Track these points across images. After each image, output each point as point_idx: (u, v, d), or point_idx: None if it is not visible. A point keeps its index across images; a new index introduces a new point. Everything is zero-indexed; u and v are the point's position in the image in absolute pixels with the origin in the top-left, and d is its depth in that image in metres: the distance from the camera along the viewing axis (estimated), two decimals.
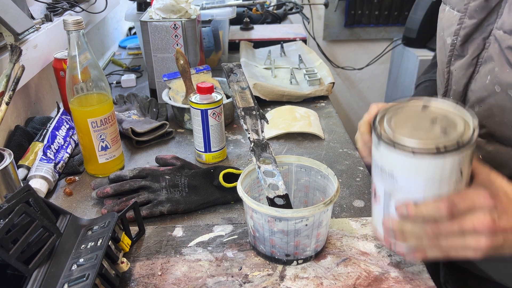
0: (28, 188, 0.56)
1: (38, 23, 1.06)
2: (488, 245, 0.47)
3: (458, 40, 0.60)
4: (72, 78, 0.78)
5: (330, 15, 2.37)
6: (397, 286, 0.58)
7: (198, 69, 1.10)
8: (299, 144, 0.96)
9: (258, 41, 1.56)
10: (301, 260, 0.62)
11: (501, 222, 0.47)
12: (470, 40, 0.59)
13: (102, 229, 0.59)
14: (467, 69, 0.60)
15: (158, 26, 1.08)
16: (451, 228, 0.47)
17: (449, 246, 0.49)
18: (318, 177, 0.67)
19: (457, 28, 0.60)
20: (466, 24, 0.58)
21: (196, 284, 0.59)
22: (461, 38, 0.60)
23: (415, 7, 2.07)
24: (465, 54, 0.60)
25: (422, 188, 0.48)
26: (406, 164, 0.47)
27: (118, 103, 1.13)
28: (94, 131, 0.80)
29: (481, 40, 0.58)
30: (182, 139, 1.00)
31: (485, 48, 0.58)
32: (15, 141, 0.88)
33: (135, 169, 0.78)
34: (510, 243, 0.48)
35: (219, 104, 0.85)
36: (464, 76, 0.60)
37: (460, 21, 0.59)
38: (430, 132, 0.48)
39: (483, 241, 0.47)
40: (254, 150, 0.65)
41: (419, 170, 0.47)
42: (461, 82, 0.61)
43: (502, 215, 0.47)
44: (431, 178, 0.48)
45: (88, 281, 0.50)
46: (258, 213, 0.59)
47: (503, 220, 0.47)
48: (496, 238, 0.47)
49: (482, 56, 0.58)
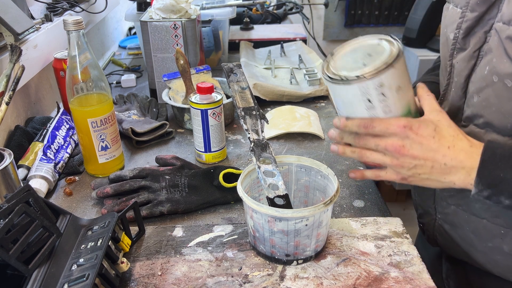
0: (28, 188, 0.56)
1: (38, 23, 1.06)
2: (396, 164, 0.59)
3: (460, 33, 0.61)
4: (72, 78, 0.78)
5: (330, 15, 2.37)
6: (397, 286, 0.58)
7: (198, 69, 1.10)
8: (299, 144, 0.96)
9: (258, 41, 1.56)
10: (301, 260, 0.62)
11: (412, 150, 0.57)
12: (472, 33, 0.60)
13: (102, 229, 0.59)
14: (469, 61, 0.61)
15: (158, 26, 1.08)
16: (368, 141, 0.60)
17: (366, 154, 0.62)
18: (318, 177, 0.67)
19: (459, 22, 0.62)
20: (468, 17, 0.60)
21: (196, 284, 0.59)
22: (463, 31, 0.61)
23: (415, 7, 2.07)
24: (467, 47, 0.61)
25: (342, 108, 0.62)
26: (331, 89, 0.62)
27: (118, 103, 1.13)
28: (94, 131, 0.80)
29: (483, 34, 0.59)
30: (182, 139, 1.00)
31: (486, 42, 0.59)
32: (15, 141, 0.88)
33: (135, 169, 0.78)
34: (425, 170, 0.58)
35: (219, 104, 0.85)
36: (465, 68, 0.62)
37: (462, 15, 0.61)
38: (355, 64, 0.59)
39: (389, 159, 0.59)
40: (254, 150, 0.65)
41: (336, 94, 0.62)
42: (462, 74, 0.63)
43: (414, 144, 0.57)
44: (344, 101, 0.61)
45: (88, 281, 0.50)
46: (258, 213, 0.59)
47: (414, 149, 0.57)
48: (404, 161, 0.58)
49: (483, 49, 0.60)
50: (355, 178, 0.67)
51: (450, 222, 0.70)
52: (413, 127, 0.58)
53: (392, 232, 0.68)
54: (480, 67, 0.60)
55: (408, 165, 0.59)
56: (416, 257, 0.63)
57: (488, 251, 0.66)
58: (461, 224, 0.68)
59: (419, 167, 0.59)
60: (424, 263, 0.63)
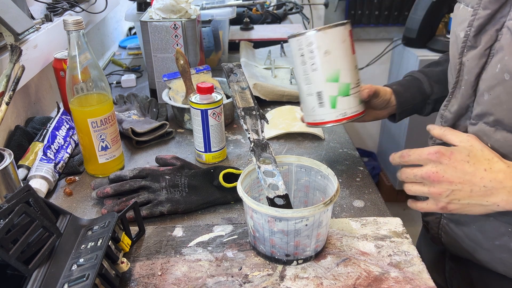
0: (28, 188, 0.56)
1: (38, 23, 1.06)
2: (434, 192, 0.60)
3: (472, 31, 0.62)
4: (72, 78, 0.78)
5: (330, 15, 2.37)
6: (397, 286, 0.58)
7: (198, 69, 1.10)
8: (299, 144, 0.96)
9: (258, 41, 1.56)
10: (301, 260, 0.62)
11: (447, 174, 0.58)
12: (483, 31, 0.61)
13: (102, 229, 0.59)
14: (480, 59, 0.61)
15: (158, 26, 1.08)
16: (408, 172, 0.63)
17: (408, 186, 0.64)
18: (318, 177, 0.67)
19: (471, 20, 0.62)
20: (480, 15, 0.60)
21: (196, 284, 0.59)
22: (475, 28, 0.61)
23: (415, 7, 2.07)
24: (478, 45, 0.62)
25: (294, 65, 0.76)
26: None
27: (118, 103, 1.13)
28: (94, 131, 0.80)
29: (494, 32, 0.59)
30: (182, 139, 1.00)
31: (497, 40, 0.59)
32: (15, 141, 0.88)
33: (135, 169, 0.78)
34: (463, 195, 0.59)
35: (219, 104, 0.85)
36: (476, 66, 0.62)
37: (474, 13, 0.61)
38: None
39: (427, 188, 0.61)
40: (254, 150, 0.65)
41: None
42: (473, 72, 0.63)
43: (448, 169, 0.59)
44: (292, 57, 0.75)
45: (88, 281, 0.50)
46: (258, 213, 0.59)
47: (449, 174, 0.58)
48: (441, 187, 0.59)
49: (494, 47, 0.60)
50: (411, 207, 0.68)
51: (456, 221, 0.70)
52: (445, 153, 0.59)
53: (392, 232, 0.68)
54: (491, 65, 0.60)
55: (445, 192, 0.59)
56: (416, 257, 0.63)
57: (494, 249, 0.66)
58: (467, 222, 0.68)
59: (457, 192, 0.59)
60: (427, 261, 0.63)
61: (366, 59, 2.46)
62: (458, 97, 0.66)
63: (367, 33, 2.42)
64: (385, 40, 2.43)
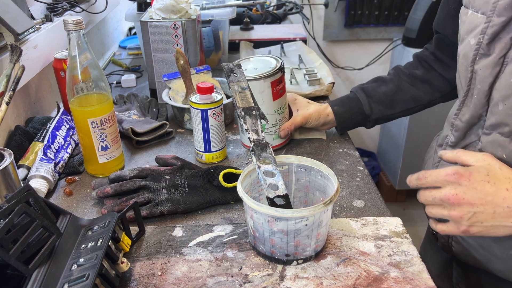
0: (28, 188, 0.56)
1: (38, 23, 1.06)
2: (454, 215, 0.57)
3: (485, 38, 0.60)
4: (72, 78, 0.78)
5: (330, 15, 2.37)
6: (397, 286, 0.58)
7: (198, 69, 1.10)
8: (299, 144, 0.96)
9: (258, 41, 1.56)
10: (301, 260, 0.62)
11: (467, 196, 0.56)
12: (497, 39, 0.59)
13: (102, 229, 0.59)
14: (494, 68, 0.60)
15: (158, 26, 1.08)
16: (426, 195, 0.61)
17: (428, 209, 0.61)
18: (318, 177, 0.67)
19: (484, 27, 0.60)
20: (494, 22, 0.59)
21: (196, 284, 0.59)
22: (488, 36, 0.60)
23: (415, 7, 2.06)
24: (491, 53, 0.60)
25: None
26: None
27: (118, 103, 1.13)
28: (94, 131, 0.80)
29: (509, 40, 0.58)
30: (182, 139, 1.00)
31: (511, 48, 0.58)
32: (15, 141, 0.88)
33: (135, 169, 0.78)
34: (486, 217, 0.56)
35: (219, 104, 0.85)
36: (490, 75, 0.60)
37: (488, 20, 0.59)
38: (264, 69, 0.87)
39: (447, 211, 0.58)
40: (254, 150, 0.65)
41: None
42: (486, 81, 0.61)
43: (468, 191, 0.56)
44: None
45: (88, 281, 0.50)
46: (258, 213, 0.59)
47: (469, 195, 0.56)
48: (462, 210, 0.56)
49: (508, 56, 0.58)
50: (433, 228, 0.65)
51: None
52: (464, 174, 0.56)
53: (392, 232, 0.68)
54: (505, 74, 0.58)
55: (467, 215, 0.56)
56: (416, 257, 0.63)
57: (508, 258, 0.65)
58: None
59: (479, 214, 0.56)
60: (433, 267, 0.62)
61: (366, 59, 2.46)
62: (470, 106, 0.65)
63: (367, 33, 2.42)
64: (385, 40, 2.43)
